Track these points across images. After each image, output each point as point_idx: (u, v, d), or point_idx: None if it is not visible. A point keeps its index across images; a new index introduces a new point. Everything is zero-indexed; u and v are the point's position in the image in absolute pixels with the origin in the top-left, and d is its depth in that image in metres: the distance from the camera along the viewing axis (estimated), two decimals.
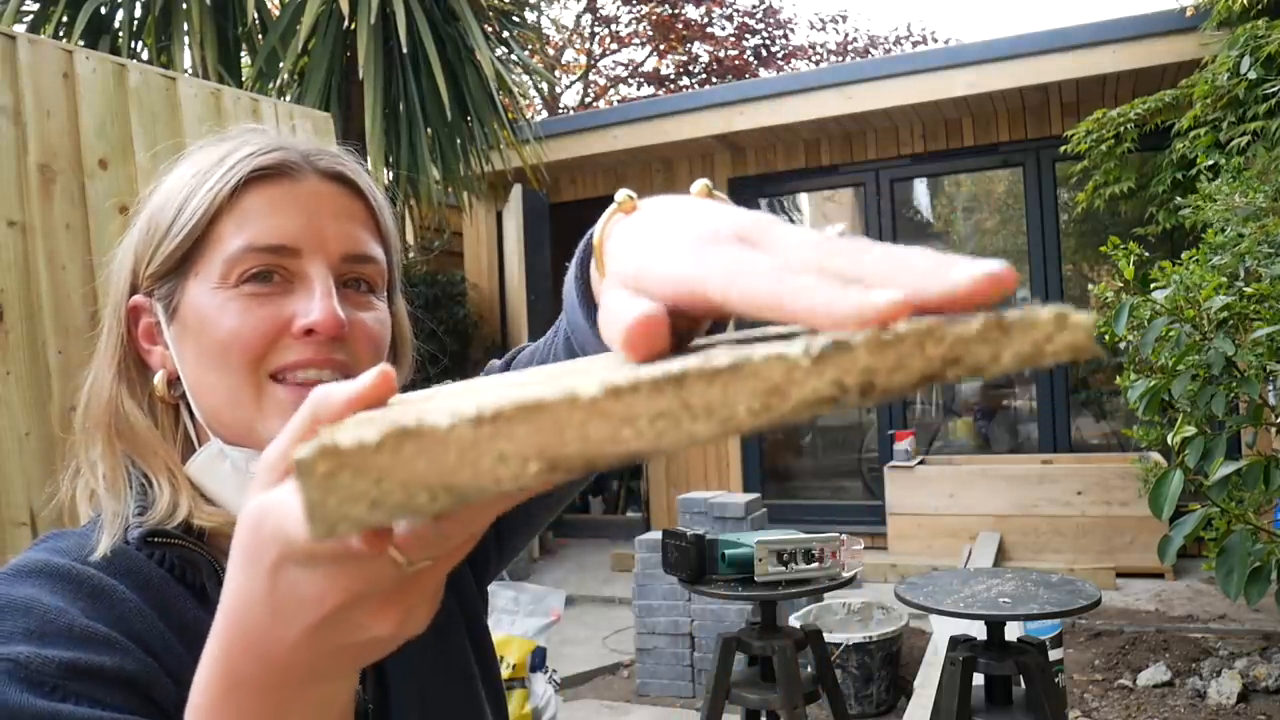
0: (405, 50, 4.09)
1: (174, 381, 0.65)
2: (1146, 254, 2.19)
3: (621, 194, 0.43)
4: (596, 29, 13.02)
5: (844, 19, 17.65)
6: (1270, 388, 2.11)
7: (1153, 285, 2.07)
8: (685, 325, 0.37)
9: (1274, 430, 2.06)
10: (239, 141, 0.64)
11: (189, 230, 0.62)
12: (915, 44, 13.26)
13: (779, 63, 12.90)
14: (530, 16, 5.94)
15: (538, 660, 3.05)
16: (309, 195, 0.63)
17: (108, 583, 0.58)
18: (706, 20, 12.68)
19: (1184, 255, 2.28)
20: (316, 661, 0.37)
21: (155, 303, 0.65)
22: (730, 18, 12.75)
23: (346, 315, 0.61)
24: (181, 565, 0.61)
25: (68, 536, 0.62)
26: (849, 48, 13.24)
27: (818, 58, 13.16)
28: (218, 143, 0.66)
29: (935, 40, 13.31)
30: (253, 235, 0.61)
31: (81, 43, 3.96)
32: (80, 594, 0.56)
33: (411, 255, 6.09)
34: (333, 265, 0.63)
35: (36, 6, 4.16)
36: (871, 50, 13.13)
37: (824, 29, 13.34)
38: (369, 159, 4.44)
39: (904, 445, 5.35)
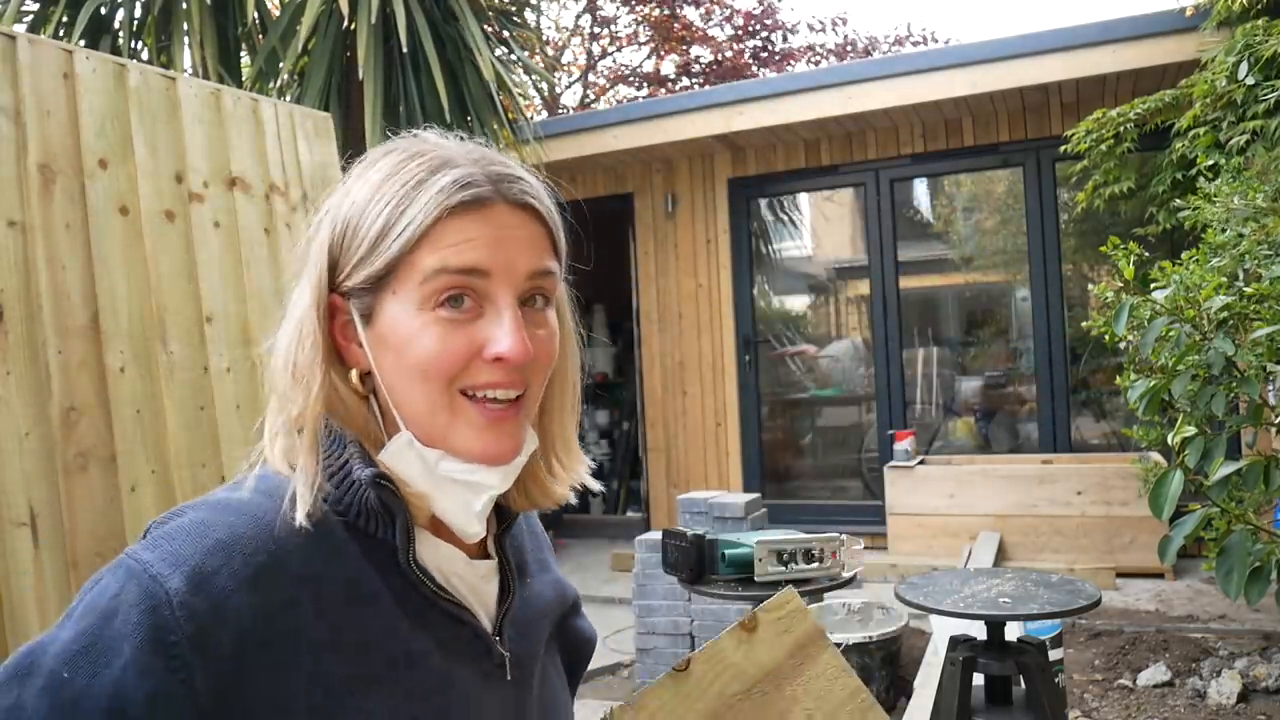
0: (405, 50, 4.09)
1: (363, 377, 0.72)
2: (1146, 254, 2.19)
3: None
4: (596, 29, 13.02)
5: (844, 21, 17.66)
6: (1270, 388, 2.11)
7: (1153, 285, 2.07)
8: None
9: (1274, 430, 2.06)
10: (436, 163, 0.70)
11: (391, 256, 0.68)
12: (915, 44, 13.25)
13: (778, 63, 12.89)
14: (530, 17, 5.94)
15: None
16: (498, 224, 0.69)
17: (286, 545, 0.63)
18: (706, 21, 12.68)
19: (1184, 255, 2.28)
20: None
21: (352, 306, 0.71)
22: (730, 18, 12.74)
23: (528, 337, 0.69)
24: (368, 514, 0.68)
25: (272, 480, 0.68)
26: (848, 49, 13.23)
27: (818, 58, 13.15)
28: (412, 157, 0.71)
29: (935, 41, 13.30)
30: (446, 259, 0.67)
31: (81, 43, 3.96)
32: (259, 550, 0.62)
33: None
34: (519, 287, 0.70)
35: (36, 6, 4.16)
36: (871, 52, 13.13)
37: (824, 30, 13.31)
38: None
39: (904, 445, 5.35)
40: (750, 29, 12.76)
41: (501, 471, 0.72)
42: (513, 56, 5.33)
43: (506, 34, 5.21)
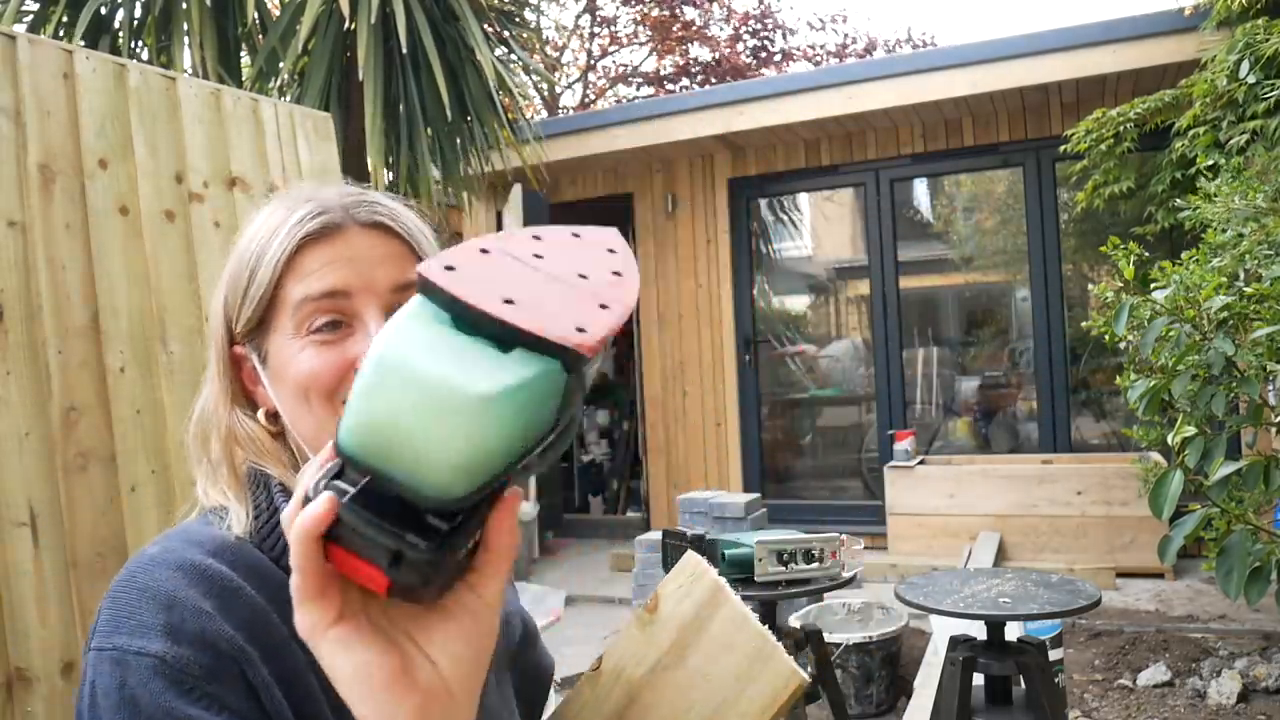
0: (405, 50, 4.09)
1: (272, 416, 0.77)
2: (1146, 254, 2.19)
3: None
4: (596, 29, 13.01)
5: (844, 19, 17.66)
6: (1270, 388, 2.11)
7: (1153, 285, 2.07)
8: None
9: (1274, 430, 2.06)
10: (295, 203, 0.76)
11: (260, 296, 0.74)
12: (915, 48, 13.25)
13: (778, 64, 12.89)
14: (530, 17, 5.94)
15: None
16: (353, 246, 0.74)
17: (236, 583, 0.67)
18: (705, 22, 12.67)
19: (1184, 255, 2.28)
20: None
21: (249, 351, 0.77)
22: (729, 19, 12.74)
23: None
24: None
25: (193, 530, 0.71)
26: (848, 49, 13.23)
27: (817, 58, 13.15)
28: (274, 209, 0.77)
29: (935, 45, 13.30)
30: (309, 287, 0.72)
31: (81, 43, 3.96)
32: (213, 592, 0.65)
33: None
34: (384, 301, 0.73)
35: (36, 6, 4.15)
36: (871, 53, 13.12)
37: (823, 29, 13.32)
38: (369, 159, 4.43)
39: (904, 445, 5.35)
40: (750, 28, 12.76)
41: None
42: (513, 56, 5.32)
43: (506, 34, 5.21)
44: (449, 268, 0.47)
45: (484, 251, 0.50)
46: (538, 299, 0.47)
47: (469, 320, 0.46)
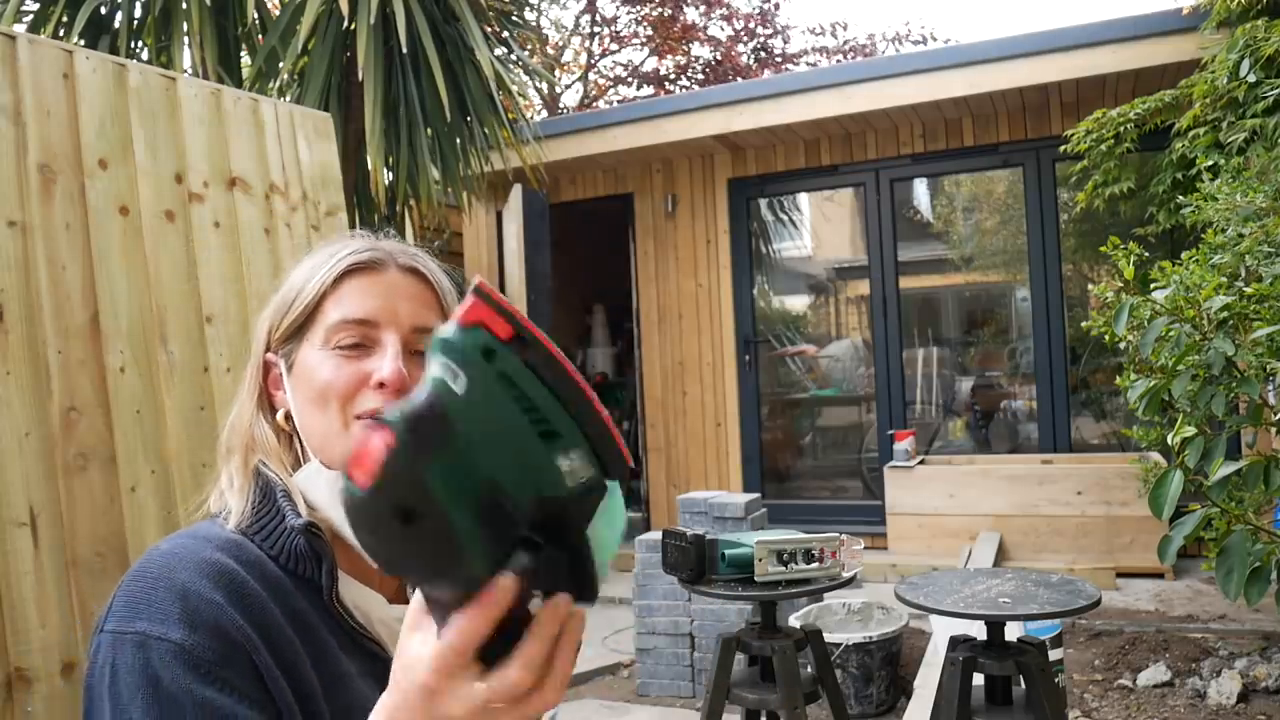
0: (405, 50, 4.09)
1: (288, 416, 0.86)
2: (1146, 254, 2.19)
3: None
4: (596, 29, 13.01)
5: (845, 27, 17.66)
6: (1270, 388, 2.11)
7: (1153, 285, 2.07)
8: None
9: (1274, 430, 2.06)
10: (344, 243, 0.88)
11: (304, 307, 0.84)
12: (915, 43, 13.25)
13: (778, 63, 12.89)
14: (530, 16, 5.94)
15: None
16: (389, 282, 0.85)
17: (242, 576, 0.73)
18: (705, 22, 12.67)
19: (1184, 255, 2.28)
20: None
21: (280, 359, 0.87)
22: (729, 19, 12.73)
23: (411, 373, 0.81)
24: (298, 558, 0.78)
25: (203, 529, 0.78)
26: (847, 47, 13.23)
27: (818, 57, 13.15)
28: (331, 244, 0.89)
29: (935, 39, 13.30)
30: (345, 311, 0.83)
31: (81, 43, 3.96)
32: (222, 584, 0.72)
33: None
34: (404, 336, 0.83)
35: (36, 6, 4.15)
36: (871, 51, 13.12)
37: (823, 35, 13.32)
38: (369, 159, 4.43)
39: (904, 445, 5.35)
40: (750, 30, 12.75)
41: None
42: (513, 56, 5.32)
43: (506, 34, 5.21)
44: None
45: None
46: None
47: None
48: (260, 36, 4.50)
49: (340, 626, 0.79)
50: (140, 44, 4.28)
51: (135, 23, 4.20)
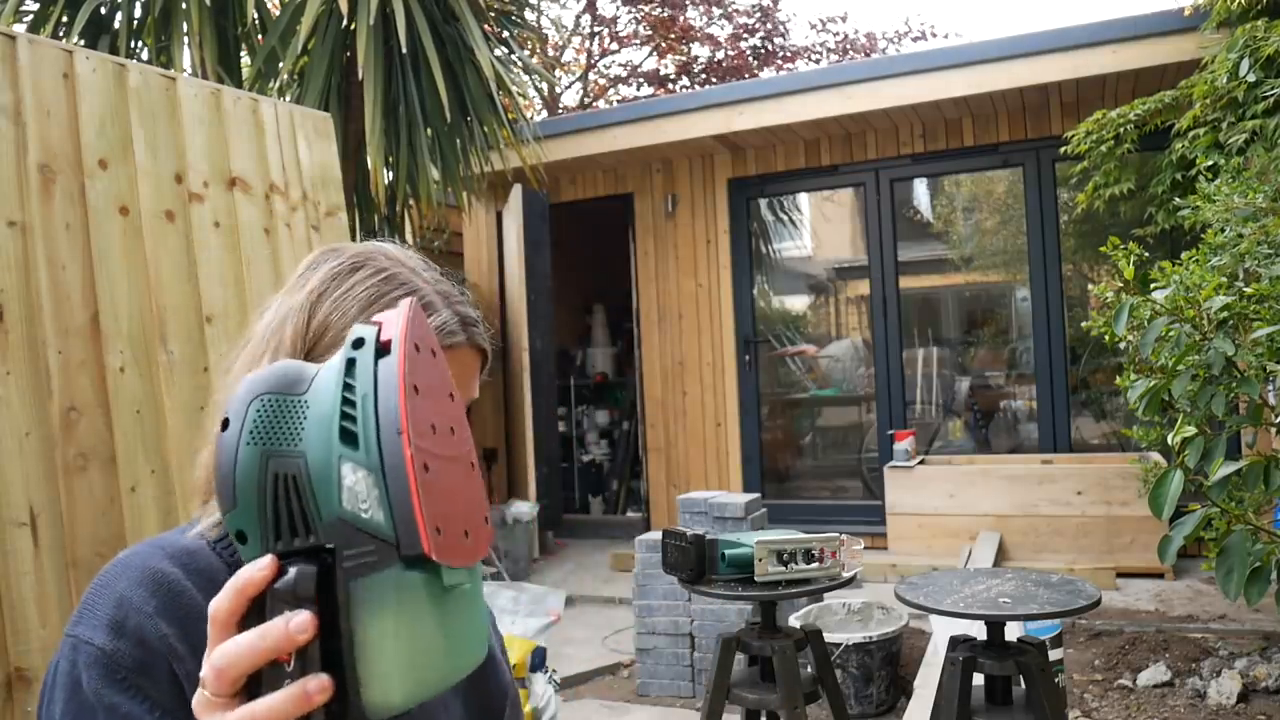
0: (405, 50, 4.09)
1: None
2: (1146, 254, 2.19)
3: None
4: (596, 29, 13.01)
5: (843, 19, 17.66)
6: (1270, 388, 2.11)
7: (1153, 285, 2.07)
8: None
9: (1274, 430, 2.06)
10: (409, 294, 0.81)
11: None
12: (915, 40, 13.26)
13: (779, 62, 12.89)
14: (530, 16, 5.93)
15: (538, 660, 3.05)
16: (461, 364, 0.82)
17: (182, 585, 0.74)
18: (706, 21, 12.67)
19: (1184, 255, 2.28)
20: None
21: None
22: (729, 18, 12.74)
23: None
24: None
25: (164, 539, 0.80)
26: (848, 45, 13.23)
27: (817, 57, 13.15)
28: (386, 281, 0.81)
29: (935, 36, 13.32)
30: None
31: (81, 42, 3.96)
32: (159, 593, 0.73)
33: None
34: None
35: (36, 6, 4.15)
36: (871, 50, 13.12)
37: (823, 29, 13.32)
38: (369, 159, 4.43)
39: (904, 445, 5.35)
40: (750, 28, 12.75)
41: None
42: (513, 56, 5.32)
43: (506, 34, 5.21)
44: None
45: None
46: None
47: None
48: (260, 36, 4.50)
49: None
50: (140, 44, 4.28)
51: (135, 23, 4.20)
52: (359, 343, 0.49)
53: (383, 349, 0.48)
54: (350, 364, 0.48)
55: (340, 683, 0.45)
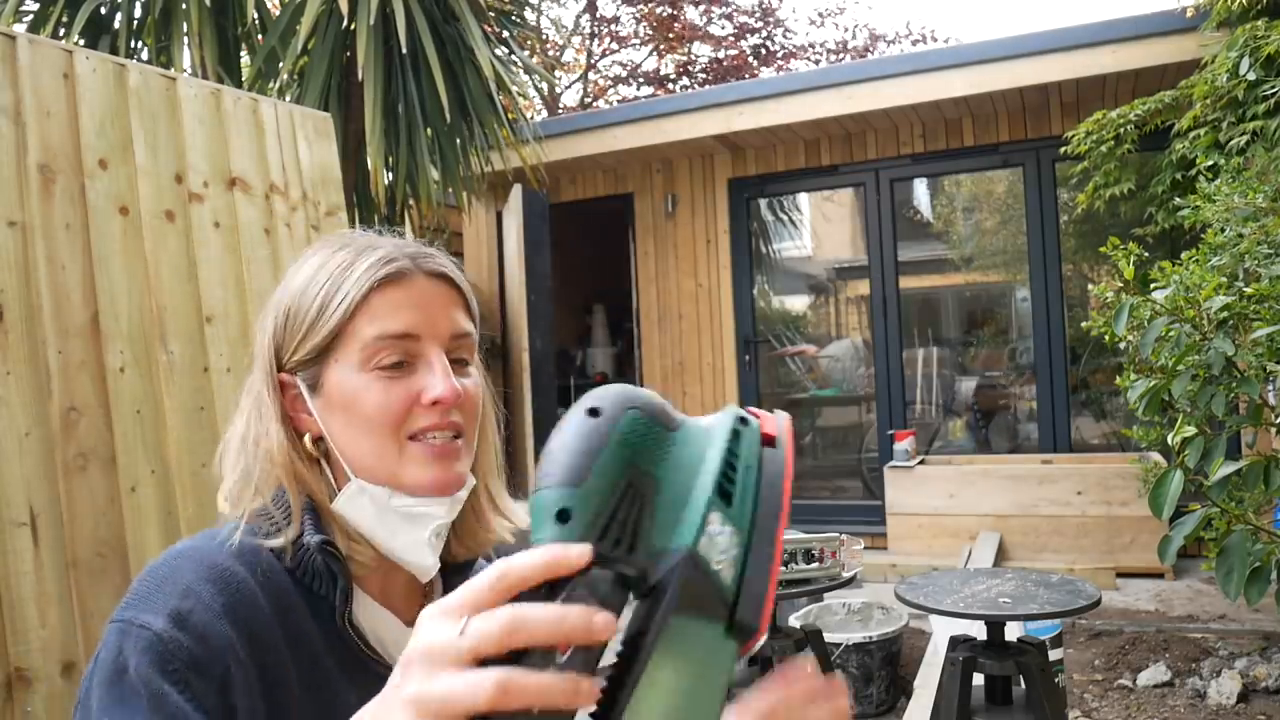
0: (405, 50, 4.09)
1: (315, 441, 0.82)
2: (1146, 254, 2.19)
3: None
4: (596, 29, 13.01)
5: (841, 11, 17.67)
6: (1270, 388, 2.11)
7: (1153, 285, 2.07)
8: None
9: (1274, 430, 2.06)
10: (360, 247, 0.82)
11: (332, 327, 0.79)
12: (915, 42, 13.26)
13: (779, 62, 12.89)
14: (530, 16, 5.93)
15: None
16: (419, 290, 0.80)
17: (250, 586, 0.73)
18: (706, 20, 12.67)
19: (1184, 255, 2.28)
20: None
21: (299, 380, 0.82)
22: (729, 17, 12.74)
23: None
24: (315, 574, 0.78)
25: (223, 534, 0.77)
26: (848, 46, 13.23)
27: (817, 56, 13.16)
28: (340, 248, 0.82)
29: (935, 39, 13.31)
30: (383, 327, 0.78)
31: (81, 42, 3.96)
32: (226, 591, 0.72)
33: None
34: (444, 344, 0.80)
35: (36, 6, 4.15)
36: (871, 50, 13.13)
37: (822, 24, 13.33)
38: (369, 159, 4.43)
39: (904, 445, 5.35)
40: (750, 27, 12.76)
41: (448, 502, 0.80)
42: (513, 56, 5.32)
43: (506, 34, 5.21)
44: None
45: None
46: None
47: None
48: (260, 36, 4.50)
49: (348, 648, 0.78)
50: (140, 44, 4.28)
51: (135, 23, 4.20)
52: (744, 420, 0.51)
53: (766, 439, 0.51)
54: (736, 435, 0.50)
55: (607, 703, 0.43)
